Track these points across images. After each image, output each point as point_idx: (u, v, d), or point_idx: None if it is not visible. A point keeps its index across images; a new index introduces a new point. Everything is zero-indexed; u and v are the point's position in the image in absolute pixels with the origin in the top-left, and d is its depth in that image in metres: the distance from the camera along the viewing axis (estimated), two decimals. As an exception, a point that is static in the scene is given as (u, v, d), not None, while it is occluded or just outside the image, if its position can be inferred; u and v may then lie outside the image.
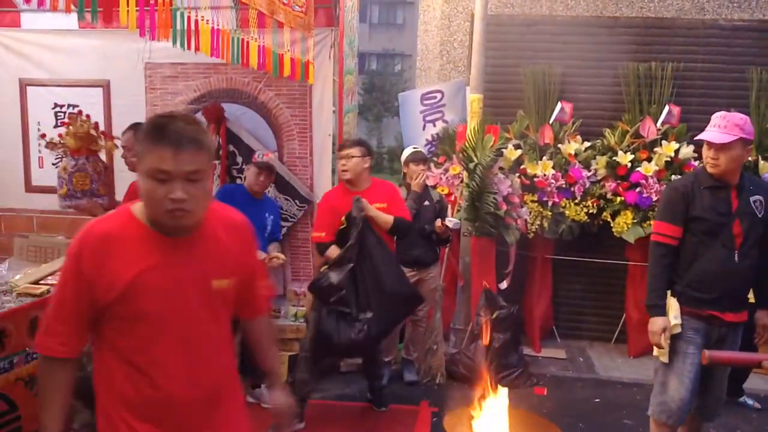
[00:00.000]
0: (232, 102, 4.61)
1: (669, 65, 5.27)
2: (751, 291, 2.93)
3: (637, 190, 5.00)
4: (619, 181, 5.09)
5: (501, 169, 4.87)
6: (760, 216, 2.81)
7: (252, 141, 4.50)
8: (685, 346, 2.83)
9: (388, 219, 3.64)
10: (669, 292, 2.87)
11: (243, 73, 4.51)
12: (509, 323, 4.45)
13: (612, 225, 5.10)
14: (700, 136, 2.84)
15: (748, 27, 5.45)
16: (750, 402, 4.31)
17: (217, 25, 3.40)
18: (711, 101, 5.11)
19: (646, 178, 4.99)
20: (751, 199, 2.81)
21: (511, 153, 5.05)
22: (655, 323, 2.84)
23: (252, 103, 4.59)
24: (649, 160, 5.06)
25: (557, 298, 5.55)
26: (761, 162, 4.99)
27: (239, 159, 4.54)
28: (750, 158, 4.93)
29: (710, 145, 2.77)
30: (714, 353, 2.54)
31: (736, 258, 2.77)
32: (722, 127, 2.75)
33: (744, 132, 2.72)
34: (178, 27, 3.22)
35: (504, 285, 4.96)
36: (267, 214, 4.01)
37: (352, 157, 3.64)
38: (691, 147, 4.94)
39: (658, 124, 5.12)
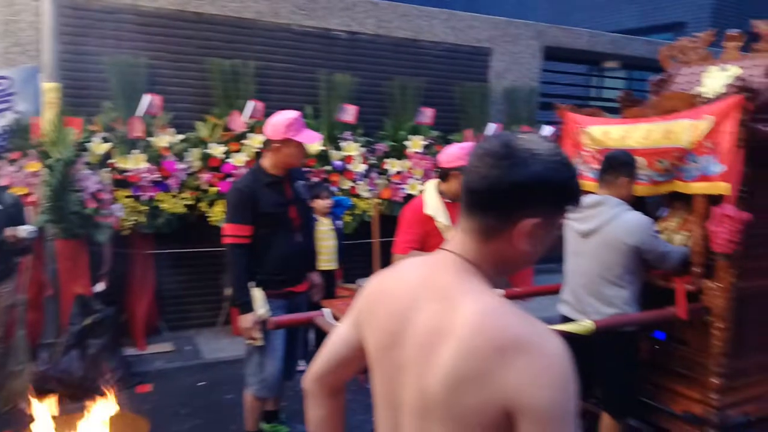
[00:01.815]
0: None
1: (251, 63, 5.66)
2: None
3: (230, 180, 5.29)
4: (213, 173, 5.30)
5: (87, 164, 4.57)
6: (306, 198, 3.29)
7: None
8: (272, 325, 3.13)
9: None
10: (253, 284, 3.09)
11: None
12: (106, 327, 4.24)
13: (209, 215, 5.29)
14: (300, 139, 3.06)
15: (314, 33, 6.21)
16: None
17: None
18: (289, 98, 5.73)
19: (237, 168, 5.31)
20: (297, 185, 3.24)
21: (98, 147, 4.78)
22: (246, 319, 3.04)
23: None
24: (240, 151, 5.40)
25: (162, 292, 5.50)
26: (331, 151, 5.80)
27: None
28: (322, 148, 5.71)
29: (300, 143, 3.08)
30: (277, 319, 2.94)
31: (298, 238, 3.19)
32: (306, 127, 3.11)
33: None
34: None
35: (100, 287, 4.67)
36: None
37: None
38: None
39: (245, 118, 5.49)
